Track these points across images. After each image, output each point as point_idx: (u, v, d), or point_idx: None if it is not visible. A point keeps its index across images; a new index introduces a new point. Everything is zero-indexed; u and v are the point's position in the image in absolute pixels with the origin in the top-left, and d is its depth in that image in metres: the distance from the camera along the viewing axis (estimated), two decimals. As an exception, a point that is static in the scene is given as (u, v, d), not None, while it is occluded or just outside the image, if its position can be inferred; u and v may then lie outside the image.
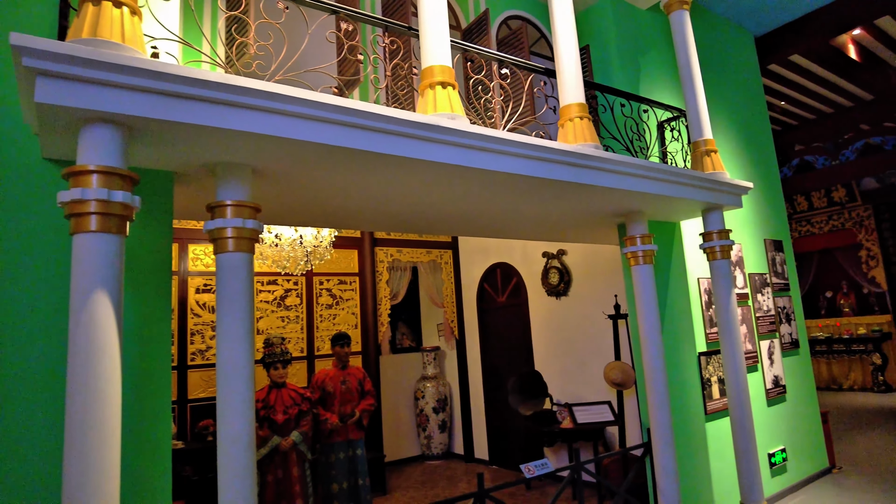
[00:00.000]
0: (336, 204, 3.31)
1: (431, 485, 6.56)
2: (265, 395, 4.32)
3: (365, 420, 4.68)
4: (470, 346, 7.67)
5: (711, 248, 4.20)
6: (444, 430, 7.74)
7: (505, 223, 4.37)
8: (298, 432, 4.29)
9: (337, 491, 4.46)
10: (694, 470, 4.27)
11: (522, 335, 6.83)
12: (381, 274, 7.14)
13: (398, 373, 8.05)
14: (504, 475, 6.68)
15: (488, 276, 7.42)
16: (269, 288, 6.38)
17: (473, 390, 7.58)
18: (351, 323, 6.87)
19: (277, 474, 4.21)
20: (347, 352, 4.75)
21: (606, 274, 5.86)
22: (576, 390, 6.13)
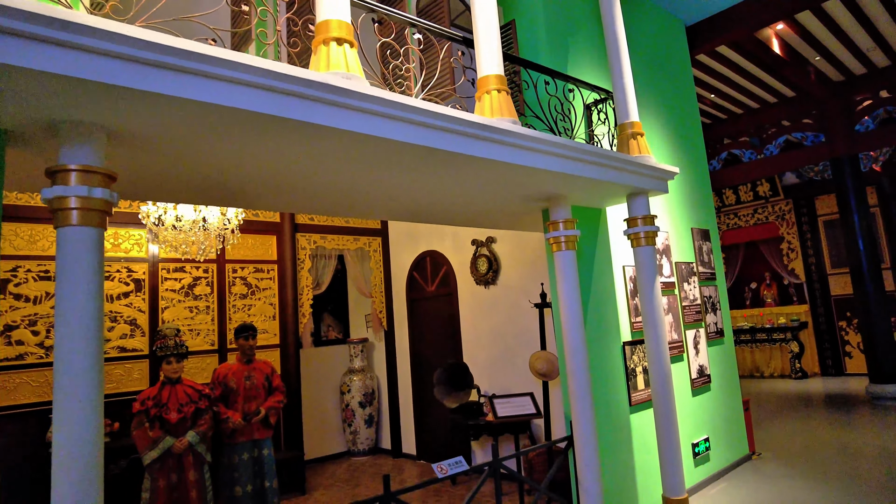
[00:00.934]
0: (226, 178, 2.94)
1: (355, 482, 6.26)
2: (157, 392, 3.89)
3: (273, 418, 4.32)
4: (399, 337, 7.39)
5: (636, 235, 4.07)
6: (371, 425, 7.44)
7: (428, 207, 4.10)
8: (195, 432, 3.89)
9: (241, 495, 4.09)
10: (617, 463, 4.16)
11: (451, 325, 6.61)
12: (302, 262, 6.74)
13: (323, 366, 7.67)
14: (431, 471, 6.45)
15: (418, 264, 7.15)
16: (176, 276, 5.88)
17: (402, 383, 7.31)
18: (268, 314, 6.45)
19: (171, 479, 3.80)
20: (252, 345, 4.37)
21: (534, 262, 5.70)
22: (504, 381, 5.96)
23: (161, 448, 3.74)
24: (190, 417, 3.92)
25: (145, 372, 5.52)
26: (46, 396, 5.02)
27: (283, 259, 6.57)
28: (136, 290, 5.60)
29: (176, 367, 3.92)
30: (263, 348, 6.31)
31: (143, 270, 5.67)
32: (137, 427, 3.78)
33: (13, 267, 5.03)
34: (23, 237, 5.10)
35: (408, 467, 6.74)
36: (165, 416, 3.82)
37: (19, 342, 4.97)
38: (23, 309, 5.02)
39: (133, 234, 5.65)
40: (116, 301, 5.48)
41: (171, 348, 3.91)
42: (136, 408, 3.83)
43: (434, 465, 3.27)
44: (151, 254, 5.73)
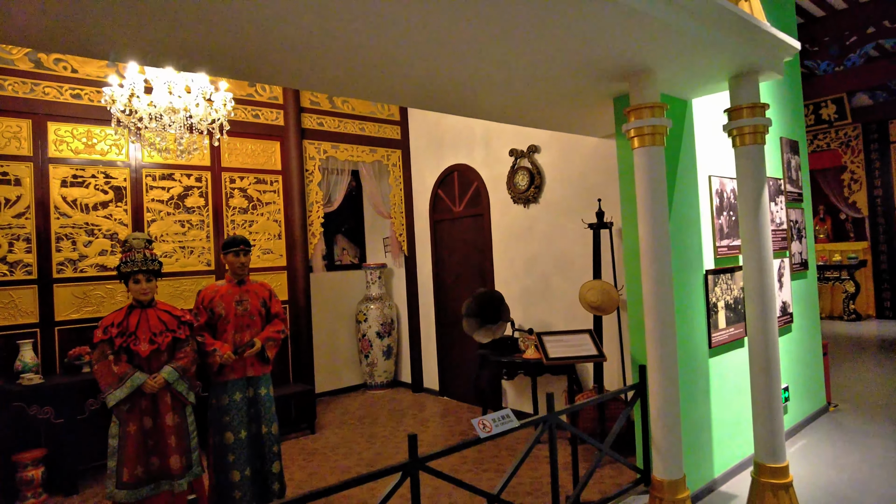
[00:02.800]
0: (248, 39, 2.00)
1: (371, 419, 5.61)
2: (123, 318, 3.11)
3: (271, 351, 3.55)
4: (421, 263, 6.56)
5: (740, 130, 3.08)
6: (390, 357, 6.75)
7: (463, 88, 3.13)
8: (172, 368, 3.13)
9: (232, 442, 3.38)
10: (692, 418, 3.35)
11: (481, 250, 5.74)
12: (311, 174, 5.83)
13: (336, 293, 6.92)
14: (455, 409, 5.78)
15: (444, 181, 6.20)
16: (163, 184, 5.02)
17: (423, 313, 6.55)
18: (273, 232, 5.62)
19: (144, 424, 3.08)
20: (244, 262, 3.53)
21: (585, 175, 4.72)
22: (541, 315, 5.14)
23: (129, 387, 2.99)
24: (166, 349, 3.15)
25: (131, 294, 4.77)
26: (13, 319, 4.31)
27: (288, 169, 5.66)
28: (115, 200, 4.77)
29: (145, 286, 3.11)
30: (268, 270, 5.53)
31: (124, 177, 4.81)
32: (99, 360, 3.03)
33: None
34: (-26, 130, 4.25)
35: (429, 404, 6.07)
36: (134, 348, 3.05)
37: (-23, 256, 4.22)
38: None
39: (110, 134, 4.76)
40: (93, 212, 4.67)
41: (138, 263, 3.09)
42: (97, 336, 3.06)
43: (475, 421, 2.47)
44: (133, 157, 4.85)
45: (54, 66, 4.53)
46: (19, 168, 4.39)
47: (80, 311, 4.56)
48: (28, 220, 4.40)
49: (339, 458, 4.58)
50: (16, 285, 4.34)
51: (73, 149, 4.60)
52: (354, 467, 4.34)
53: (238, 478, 3.40)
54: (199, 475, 3.30)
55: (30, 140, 4.44)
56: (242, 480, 3.40)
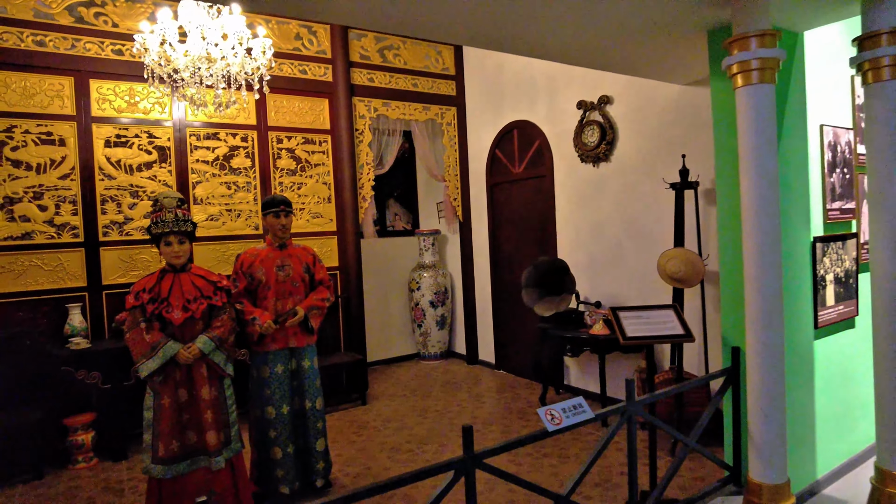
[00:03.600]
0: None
1: (424, 392, 5.35)
2: (154, 283, 2.89)
3: (315, 320, 3.27)
4: (476, 229, 6.17)
5: (875, 62, 2.48)
6: (444, 327, 6.46)
7: (528, 16, 2.66)
8: (208, 337, 2.90)
9: (274, 416, 3.15)
10: (793, 409, 2.85)
11: (543, 215, 5.28)
12: (361, 133, 5.49)
13: (388, 260, 6.65)
14: (513, 384, 5.43)
15: (502, 139, 5.74)
16: (208, 143, 4.80)
17: (479, 282, 6.18)
18: (322, 195, 5.35)
19: (179, 396, 2.88)
20: (285, 224, 3.24)
21: (667, 128, 4.16)
22: (609, 287, 4.66)
23: (161, 357, 2.78)
24: (201, 317, 2.92)
25: (177, 258, 4.63)
26: (62, 283, 4.23)
27: (337, 129, 5.34)
28: (159, 161, 4.59)
29: (177, 249, 2.87)
30: (317, 235, 5.28)
31: (168, 136, 4.62)
32: (131, 328, 2.83)
33: (7, 126, 4.08)
34: (15, 90, 4.11)
35: (484, 377, 5.76)
36: (166, 315, 2.84)
37: (24, 218, 4.13)
38: (24, 179, 4.13)
39: (152, 92, 4.55)
40: (137, 173, 4.51)
41: (169, 223, 2.85)
42: (128, 302, 2.86)
43: (540, 411, 2.09)
44: (177, 116, 4.65)
45: (95, 21, 4.33)
46: (63, 128, 4.25)
47: (127, 276, 4.45)
48: (73, 181, 4.28)
49: (390, 432, 4.33)
50: (63, 248, 4.25)
51: (115, 107, 4.43)
52: (405, 444, 4.08)
53: (280, 455, 3.18)
54: (239, 451, 3.08)
55: (72, 99, 4.28)
56: (284, 458, 3.18)
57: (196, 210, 4.72)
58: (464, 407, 4.85)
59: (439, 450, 3.94)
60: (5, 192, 4.07)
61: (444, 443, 4.05)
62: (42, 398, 4.02)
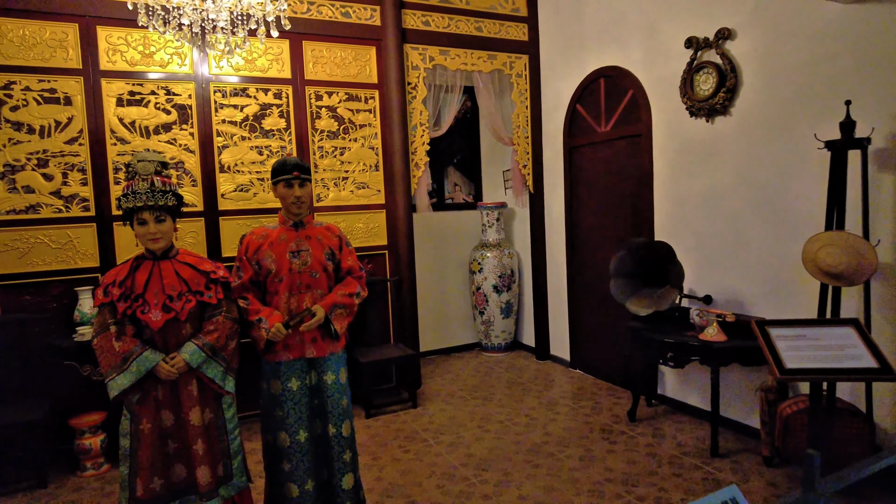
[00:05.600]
0: None
1: (486, 392, 4.56)
2: (127, 275, 2.20)
3: (340, 322, 2.51)
4: (551, 201, 5.23)
5: None
6: (509, 316, 5.62)
7: None
8: (197, 344, 2.21)
9: (288, 445, 2.44)
10: None
11: (636, 184, 4.28)
12: (414, 88, 4.65)
13: (445, 237, 5.84)
14: (592, 389, 4.53)
15: (585, 92, 4.73)
16: (235, 101, 4.11)
17: (553, 265, 5.27)
18: (369, 162, 4.57)
19: (162, 420, 2.21)
20: (301, 196, 2.45)
21: (818, 65, 3.04)
22: (725, 278, 3.65)
23: (135, 371, 2.11)
24: (188, 319, 2.22)
25: (201, 236, 4.02)
26: (71, 262, 3.70)
27: (386, 83, 4.52)
28: (180, 121, 3.95)
29: (154, 229, 2.17)
30: (363, 209, 4.53)
31: (189, 93, 3.96)
32: (99, 332, 2.17)
33: (5, 82, 3.53)
34: (12, 39, 3.54)
35: (557, 377, 4.89)
36: (142, 316, 2.16)
37: (28, 189, 3.60)
38: (27, 143, 3.58)
39: (170, 41, 3.89)
40: (154, 136, 3.88)
41: (142, 195, 2.15)
42: (97, 298, 2.20)
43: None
44: (198, 69, 3.97)
45: (102, -44, 3.68)
46: (68, 84, 3.66)
47: (146, 255, 3.87)
48: (82, 146, 3.70)
49: (443, 449, 3.57)
50: (73, 223, 3.70)
51: (128, 59, 3.79)
52: (460, 469, 3.31)
53: (296, 493, 2.47)
54: (245, 487, 2.41)
55: (78, 49, 3.67)
56: (302, 497, 2.47)
57: (223, 179, 4.07)
58: (533, 418, 4.01)
59: (502, 481, 3.14)
60: (6, 158, 3.54)
61: (509, 471, 3.25)
62: (47, 395, 3.53)
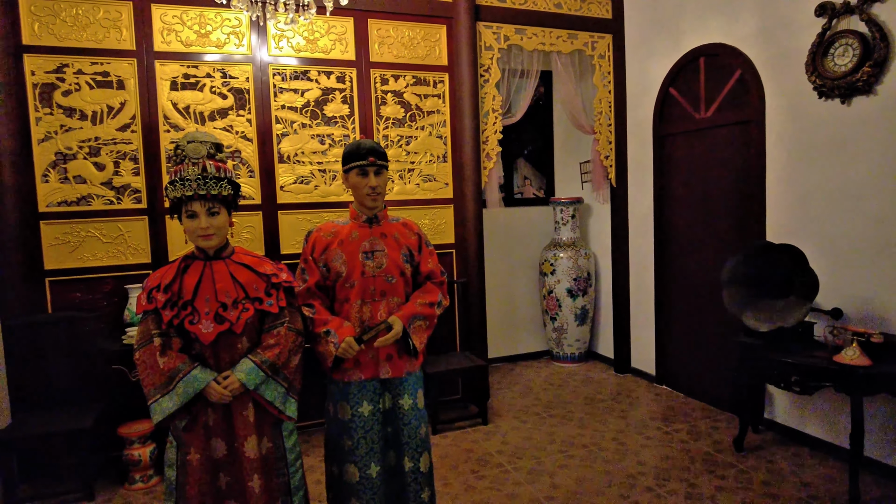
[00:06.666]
0: None
1: (562, 411, 4.10)
2: (173, 278, 1.86)
3: (419, 336, 2.11)
4: (635, 196, 4.70)
5: None
6: (584, 323, 5.12)
7: None
8: (255, 362, 1.85)
9: (357, 480, 2.07)
10: None
11: (745, 178, 3.72)
12: (487, 70, 4.22)
13: (514, 235, 5.40)
14: (684, 409, 4.00)
15: (680, 74, 4.18)
16: (296, 85, 3.78)
17: (636, 267, 4.74)
18: (436, 152, 4.17)
19: (213, 450, 1.87)
20: (378, 186, 2.07)
21: None
22: (862, 289, 3.07)
23: (182, 394, 1.78)
24: (244, 331, 1.87)
25: (259, 231, 3.71)
26: (122, 258, 3.45)
27: (457, 65, 4.11)
28: (236, 107, 3.65)
29: (206, 223, 1.83)
30: (429, 204, 4.14)
31: (247, 76, 3.66)
32: (142, 344, 1.85)
33: (57, 65, 3.30)
34: (65, 19, 3.30)
35: (641, 395, 4.37)
36: (190, 327, 1.82)
37: (80, 179, 3.37)
38: (79, 130, 3.35)
39: (227, 18, 3.59)
40: (210, 122, 3.60)
41: (191, 183, 1.81)
42: (139, 305, 1.87)
43: None
44: (257, 51, 3.66)
45: (158, -72, 3.41)
46: (121, 66, 3.41)
47: (200, 251, 3.59)
48: (134, 133, 3.44)
49: (522, 477, 3.14)
50: (124, 215, 3.45)
51: (183, 39, 3.51)
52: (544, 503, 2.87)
53: (366, 537, 2.09)
54: (306, 528, 2.05)
55: (132, 29, 3.41)
56: (373, 542, 2.10)
57: (282, 170, 3.76)
58: (622, 442, 3.53)
59: (597, 522, 2.69)
60: (58, 146, 3.32)
61: (606, 513, 2.79)
62: (96, 400, 3.29)
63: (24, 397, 3.23)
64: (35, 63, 3.25)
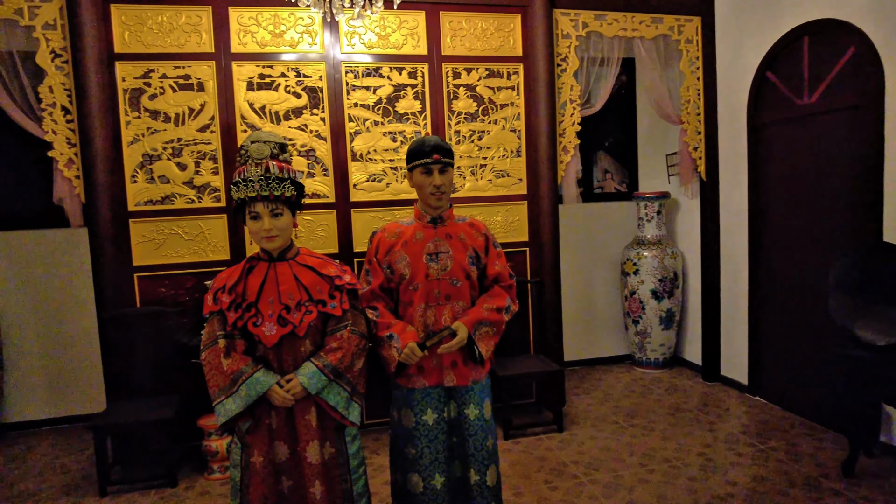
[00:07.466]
0: None
1: (643, 420, 3.85)
2: (238, 280, 1.86)
3: (485, 343, 2.00)
4: (727, 190, 4.34)
5: None
6: (670, 327, 4.80)
7: None
8: (318, 366, 1.81)
9: (421, 490, 1.99)
10: None
11: (857, 170, 3.31)
12: (564, 59, 4.01)
13: (594, 232, 5.15)
14: (781, 425, 3.64)
15: (780, 56, 3.80)
16: (368, 82, 3.76)
17: (728, 268, 4.38)
18: (510, 147, 4.02)
19: (276, 454, 1.85)
20: (442, 185, 1.97)
21: None
22: None
23: (244, 396, 1.76)
24: (307, 334, 1.84)
25: (332, 229, 3.72)
26: (203, 255, 3.57)
27: (532, 55, 3.94)
28: (310, 106, 3.67)
29: (269, 224, 1.80)
30: (502, 201, 4.01)
31: (320, 74, 3.67)
32: (208, 345, 1.86)
33: (144, 71, 3.45)
34: (151, 27, 3.44)
35: (732, 406, 4.03)
36: (253, 330, 1.80)
37: (164, 179, 3.52)
38: (163, 132, 3.49)
39: (300, 18, 3.62)
40: (284, 121, 3.65)
41: (254, 184, 1.79)
42: (206, 306, 1.88)
43: None
44: (329, 50, 3.67)
45: (236, -68, 3.48)
46: (201, 69, 3.51)
47: (275, 249, 3.65)
48: (213, 133, 3.55)
49: (599, 491, 2.95)
50: (204, 214, 3.57)
51: (258, 40, 3.57)
52: (622, 522, 2.68)
53: (429, 549, 2.01)
54: (368, 536, 2.00)
55: (210, 33, 3.51)
56: (436, 555, 2.01)
57: (355, 168, 3.75)
58: (709, 458, 3.25)
59: (681, 548, 2.47)
60: (144, 148, 3.47)
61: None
62: (177, 392, 3.43)
63: (116, 386, 3.42)
64: (125, 70, 3.41)
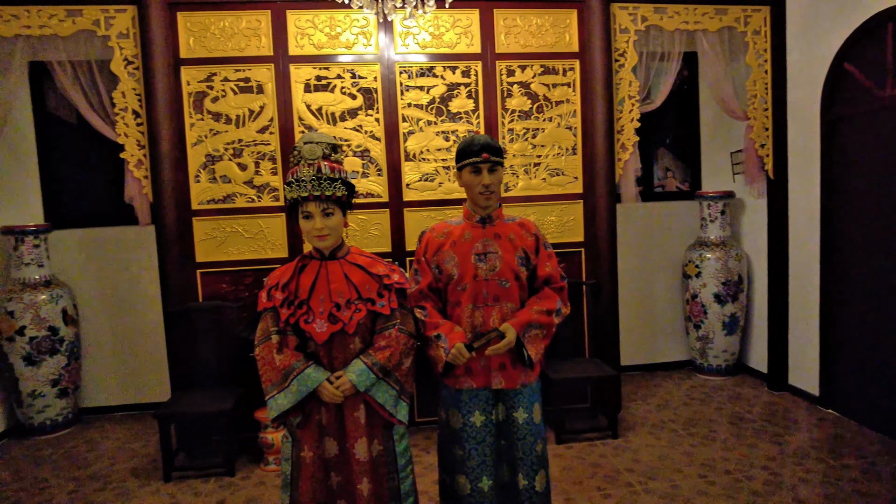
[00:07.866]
0: None
1: (704, 429, 3.69)
2: (290, 278, 1.89)
3: (534, 346, 1.95)
4: (797, 190, 4.10)
5: None
6: (734, 332, 4.58)
7: None
8: (367, 363, 1.83)
9: (469, 492, 1.97)
10: None
11: (944, 167, 3.05)
12: (623, 55, 3.89)
13: (653, 233, 4.98)
14: (859, 443, 3.40)
15: (858, 45, 3.55)
16: (421, 82, 3.77)
17: (798, 271, 4.14)
18: (565, 145, 3.94)
19: (326, 450, 1.88)
20: (491, 184, 1.94)
21: None
22: None
23: (295, 391, 1.79)
24: (356, 331, 1.85)
25: (386, 227, 3.75)
26: (262, 252, 3.68)
27: (589, 50, 3.84)
28: (365, 107, 3.72)
29: (320, 224, 1.82)
30: (556, 200, 3.93)
31: (374, 75, 3.71)
32: (262, 340, 1.90)
33: (207, 75, 3.59)
34: (214, 32, 3.58)
35: (801, 416, 3.81)
36: (304, 327, 1.83)
37: (225, 179, 3.65)
38: (224, 134, 3.62)
39: (355, 20, 3.67)
40: (340, 122, 3.70)
41: (306, 184, 1.81)
42: (260, 302, 1.93)
43: None
44: (384, 50, 3.70)
45: (295, -62, 3.57)
46: (260, 72, 3.62)
47: (330, 247, 3.72)
48: (272, 134, 3.65)
49: (654, 501, 2.84)
50: (263, 212, 3.68)
51: (315, 42, 3.65)
52: (679, 535, 2.57)
53: (476, 552, 1.99)
54: (415, 535, 2.00)
55: (269, 36, 3.61)
56: (483, 558, 1.99)
57: (408, 168, 3.77)
58: (774, 472, 3.08)
59: (743, 566, 2.34)
60: (207, 149, 3.61)
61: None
62: (236, 384, 3.56)
63: (180, 376, 3.59)
64: (190, 74, 3.56)
